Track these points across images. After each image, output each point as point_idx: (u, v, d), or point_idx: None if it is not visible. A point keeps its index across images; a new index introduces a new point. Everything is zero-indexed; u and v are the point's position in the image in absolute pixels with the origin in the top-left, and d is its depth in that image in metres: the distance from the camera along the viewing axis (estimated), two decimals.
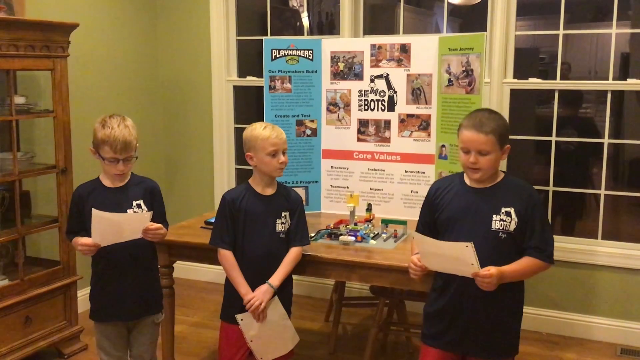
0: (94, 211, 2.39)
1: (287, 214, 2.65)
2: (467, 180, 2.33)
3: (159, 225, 2.54)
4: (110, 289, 2.59)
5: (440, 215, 2.33)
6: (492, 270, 2.11)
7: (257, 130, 2.61)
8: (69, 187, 3.39)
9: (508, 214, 2.22)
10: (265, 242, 2.60)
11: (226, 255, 2.60)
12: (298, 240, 2.69)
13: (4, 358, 3.14)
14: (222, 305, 2.70)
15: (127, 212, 2.54)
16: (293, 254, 2.66)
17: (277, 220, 2.62)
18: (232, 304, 2.60)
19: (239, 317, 2.58)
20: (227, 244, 2.60)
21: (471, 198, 2.28)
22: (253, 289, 2.57)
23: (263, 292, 2.56)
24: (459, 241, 2.10)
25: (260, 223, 2.61)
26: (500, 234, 2.22)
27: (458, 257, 2.12)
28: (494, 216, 2.22)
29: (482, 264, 2.11)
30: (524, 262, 2.22)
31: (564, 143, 4.28)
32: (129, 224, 2.47)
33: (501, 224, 2.21)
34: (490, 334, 2.27)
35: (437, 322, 2.34)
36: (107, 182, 2.59)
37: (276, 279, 2.59)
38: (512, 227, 2.21)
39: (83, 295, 3.61)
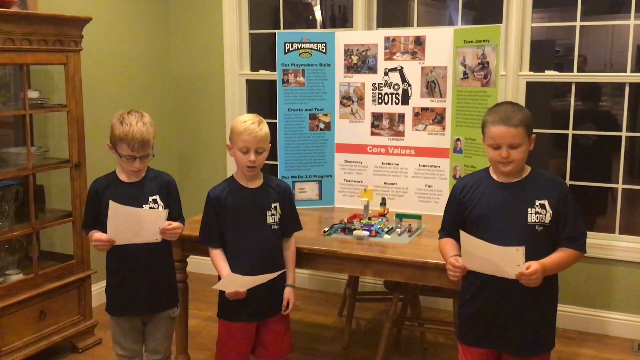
0: (111, 203, 2.37)
1: (277, 205, 2.61)
2: (494, 176, 2.29)
3: (177, 224, 2.54)
4: (127, 284, 2.58)
5: (471, 213, 2.28)
6: (535, 266, 2.09)
7: (237, 122, 2.54)
8: (83, 182, 3.39)
9: (542, 206, 2.20)
10: (257, 236, 2.56)
11: (214, 253, 2.59)
12: (292, 229, 2.69)
13: (19, 352, 3.15)
14: (219, 303, 2.66)
15: (143, 207, 2.53)
16: (292, 248, 2.69)
17: (267, 212, 2.58)
18: (229, 301, 2.54)
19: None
20: (215, 242, 2.58)
21: (502, 193, 2.25)
22: None
23: (292, 294, 2.65)
24: (496, 237, 2.09)
25: (250, 217, 2.56)
26: (536, 227, 2.19)
27: (505, 259, 2.09)
28: (529, 209, 2.20)
29: None
30: (561, 254, 2.20)
31: (582, 137, 4.23)
32: (145, 220, 2.45)
33: (537, 217, 2.19)
34: (533, 330, 2.24)
35: (475, 324, 2.31)
36: (123, 177, 2.57)
37: (291, 278, 2.66)
38: (548, 219, 2.19)
39: (97, 289, 3.62)
